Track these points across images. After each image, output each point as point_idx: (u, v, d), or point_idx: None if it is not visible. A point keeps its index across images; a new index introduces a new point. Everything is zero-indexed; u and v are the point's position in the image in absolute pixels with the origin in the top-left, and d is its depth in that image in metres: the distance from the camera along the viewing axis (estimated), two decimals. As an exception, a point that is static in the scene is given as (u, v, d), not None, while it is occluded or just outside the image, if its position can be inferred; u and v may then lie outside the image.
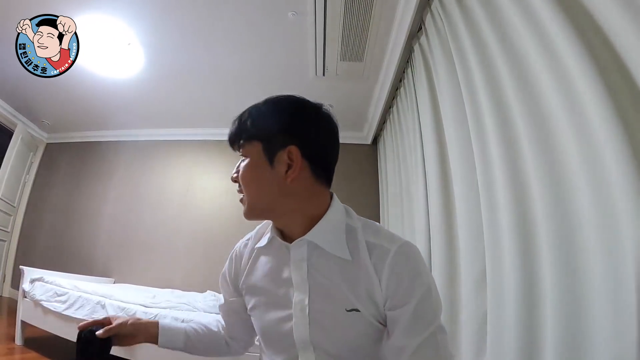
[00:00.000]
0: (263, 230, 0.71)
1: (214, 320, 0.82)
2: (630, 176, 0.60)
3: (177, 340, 0.71)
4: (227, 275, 0.74)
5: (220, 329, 0.80)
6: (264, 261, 0.67)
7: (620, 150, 0.62)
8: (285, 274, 0.62)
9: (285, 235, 0.64)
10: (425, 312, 0.55)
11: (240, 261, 0.72)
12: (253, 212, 0.62)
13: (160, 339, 0.70)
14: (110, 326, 0.65)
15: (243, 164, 0.62)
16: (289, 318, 0.60)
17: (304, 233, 0.61)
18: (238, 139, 0.63)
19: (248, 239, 0.73)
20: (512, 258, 0.92)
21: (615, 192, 0.64)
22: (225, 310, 0.77)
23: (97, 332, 0.62)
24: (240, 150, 0.63)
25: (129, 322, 0.68)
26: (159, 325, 0.71)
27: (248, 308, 0.69)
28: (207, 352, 0.77)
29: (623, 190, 0.62)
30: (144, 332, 0.69)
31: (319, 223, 0.60)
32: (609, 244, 0.66)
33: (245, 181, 0.61)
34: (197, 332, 0.75)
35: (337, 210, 0.63)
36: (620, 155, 0.62)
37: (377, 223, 0.66)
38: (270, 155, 0.59)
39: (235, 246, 0.75)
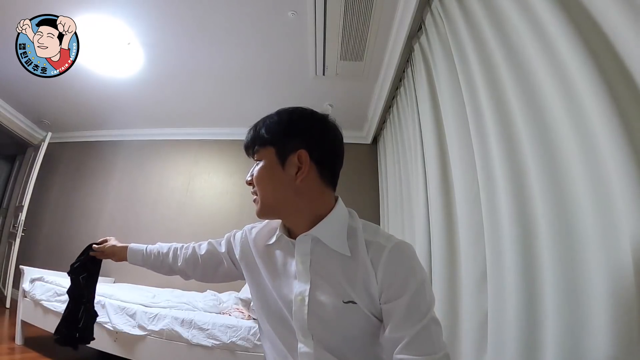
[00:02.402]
0: (274, 226, 0.75)
1: (182, 254, 0.93)
2: (630, 176, 0.60)
3: (137, 259, 0.97)
4: (232, 239, 0.84)
5: (177, 256, 0.93)
6: (273, 255, 0.73)
7: (620, 149, 0.62)
8: (290, 267, 0.68)
9: (292, 233, 0.71)
10: (419, 305, 0.59)
11: (240, 241, 0.80)
12: (265, 210, 0.68)
13: (128, 259, 0.98)
14: (99, 247, 1.01)
15: (257, 168, 0.68)
16: (290, 306, 0.66)
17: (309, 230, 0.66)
18: (253, 145, 0.69)
19: (253, 227, 0.81)
20: (513, 257, 0.93)
21: (616, 191, 0.64)
22: (211, 250, 0.88)
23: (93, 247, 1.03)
24: (255, 155, 0.69)
25: (109, 245, 1.00)
26: (127, 249, 0.98)
27: (253, 290, 0.76)
28: (157, 271, 0.98)
29: (623, 190, 0.62)
30: (118, 254, 0.99)
31: (322, 221, 0.66)
32: (610, 244, 0.66)
33: (259, 181, 0.68)
34: (151, 256, 0.96)
35: (341, 211, 0.69)
36: (620, 155, 0.62)
37: (378, 226, 0.71)
38: (282, 158, 0.66)
39: (245, 227, 0.83)
